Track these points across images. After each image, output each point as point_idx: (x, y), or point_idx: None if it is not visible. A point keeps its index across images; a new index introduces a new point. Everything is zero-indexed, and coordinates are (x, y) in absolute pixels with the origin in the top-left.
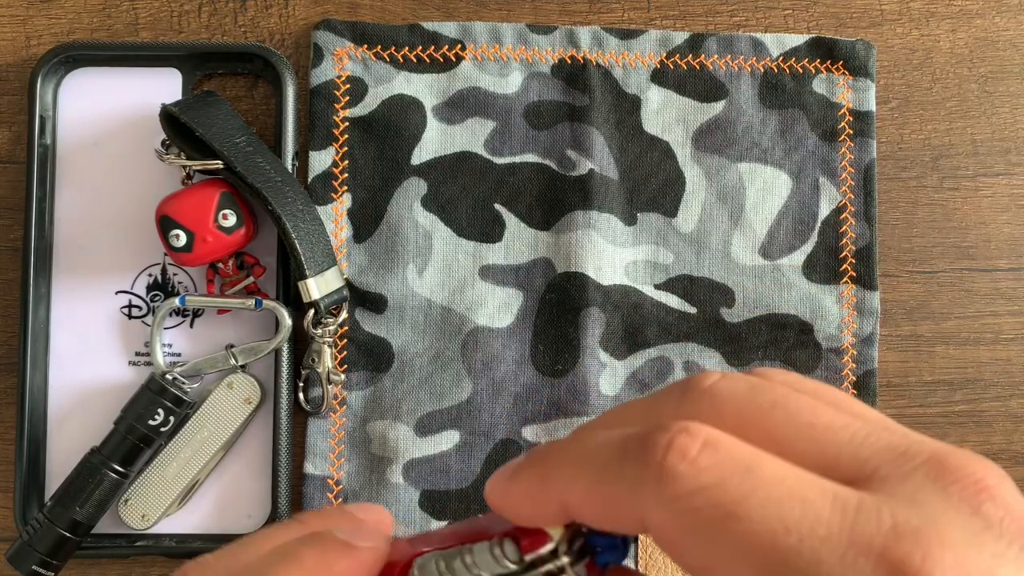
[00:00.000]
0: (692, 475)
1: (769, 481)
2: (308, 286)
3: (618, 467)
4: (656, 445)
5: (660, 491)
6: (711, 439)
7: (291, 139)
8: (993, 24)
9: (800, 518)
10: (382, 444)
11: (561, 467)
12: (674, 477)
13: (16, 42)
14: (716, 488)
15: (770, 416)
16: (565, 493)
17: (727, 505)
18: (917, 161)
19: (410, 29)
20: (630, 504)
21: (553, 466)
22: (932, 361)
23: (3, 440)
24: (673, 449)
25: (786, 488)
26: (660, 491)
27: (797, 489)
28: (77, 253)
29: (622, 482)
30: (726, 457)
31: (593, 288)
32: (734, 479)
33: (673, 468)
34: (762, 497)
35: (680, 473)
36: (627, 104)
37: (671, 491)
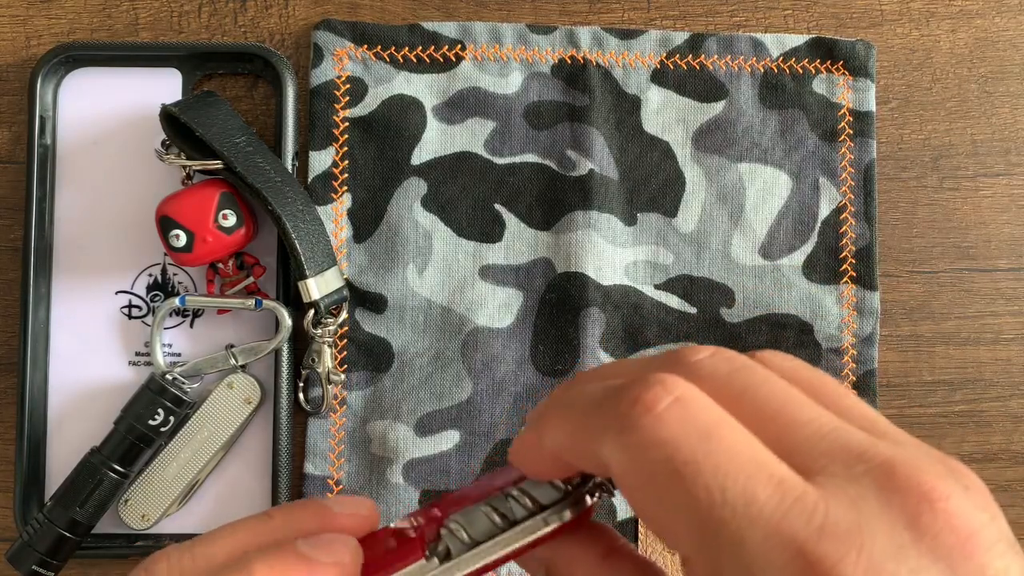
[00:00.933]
0: (652, 427)
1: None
2: (308, 286)
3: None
4: (628, 395)
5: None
6: (684, 395)
7: (291, 139)
8: (993, 24)
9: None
10: (382, 444)
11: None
12: (636, 426)
13: (16, 42)
14: (671, 445)
15: (740, 400)
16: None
17: (677, 463)
18: (917, 161)
19: (410, 29)
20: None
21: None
22: (932, 361)
23: (3, 440)
24: (641, 400)
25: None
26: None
27: (747, 465)
28: (77, 253)
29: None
30: (690, 416)
31: (593, 288)
32: (690, 440)
33: (636, 418)
34: (711, 464)
35: (642, 424)
36: (627, 104)
37: (630, 438)
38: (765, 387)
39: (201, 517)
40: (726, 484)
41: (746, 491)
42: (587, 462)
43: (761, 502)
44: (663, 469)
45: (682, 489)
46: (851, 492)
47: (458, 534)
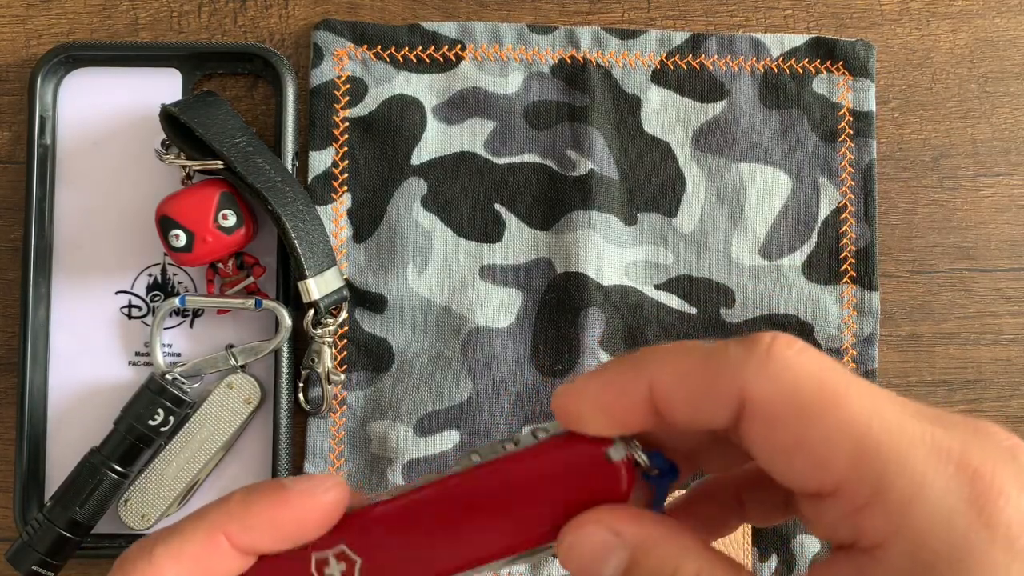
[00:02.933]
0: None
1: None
2: (308, 286)
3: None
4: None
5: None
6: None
7: (291, 139)
8: (993, 24)
9: (892, 417)
10: (382, 444)
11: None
12: (783, 358)
13: (16, 42)
14: (821, 373)
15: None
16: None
17: (830, 388)
18: (917, 161)
19: (410, 29)
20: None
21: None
22: (932, 361)
23: (3, 440)
24: (779, 340)
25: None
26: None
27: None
28: (77, 253)
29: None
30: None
31: (593, 288)
32: (836, 371)
33: (781, 351)
34: (860, 390)
35: (788, 356)
36: (627, 104)
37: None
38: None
39: None
40: (880, 407)
41: (896, 415)
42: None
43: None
44: (816, 394)
45: (838, 411)
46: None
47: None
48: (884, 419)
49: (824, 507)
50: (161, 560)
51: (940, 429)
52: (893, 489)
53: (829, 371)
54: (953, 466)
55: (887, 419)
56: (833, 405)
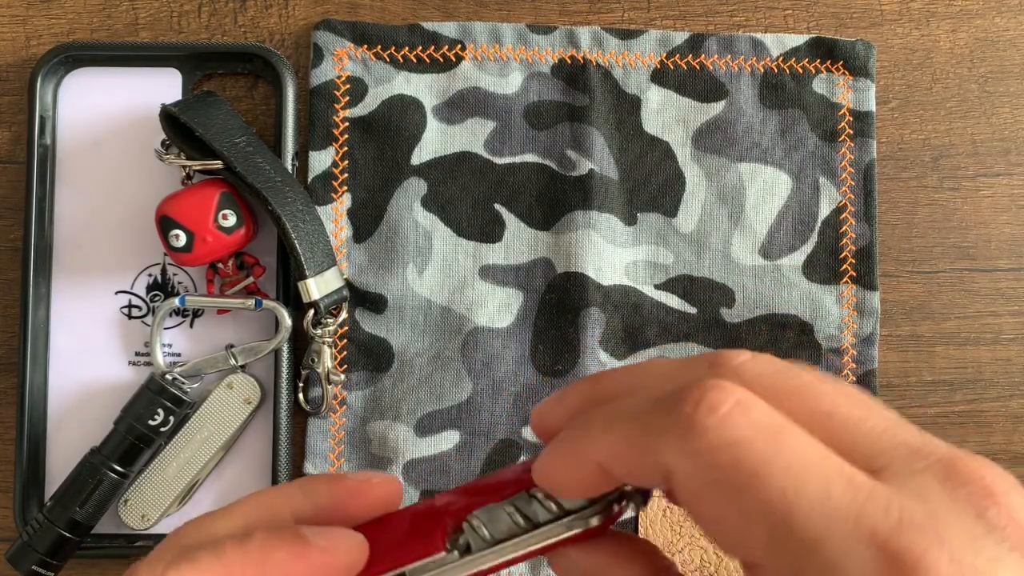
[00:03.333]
0: (719, 429)
1: (793, 450)
2: (308, 286)
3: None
4: (688, 397)
5: (686, 442)
6: (744, 399)
7: (291, 139)
8: (993, 24)
9: (816, 492)
10: (382, 444)
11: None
12: (702, 429)
13: (16, 42)
14: (741, 446)
15: (792, 399)
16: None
17: (749, 465)
18: (917, 161)
19: (410, 29)
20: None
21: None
22: (932, 361)
23: (3, 440)
24: (704, 403)
25: (807, 460)
26: (686, 442)
27: (817, 464)
28: (77, 253)
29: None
30: (756, 418)
31: (593, 288)
32: (759, 441)
33: (702, 421)
34: (784, 464)
35: (708, 426)
36: (627, 104)
37: (697, 443)
38: (813, 387)
39: None
40: (800, 484)
41: (821, 490)
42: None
43: (837, 499)
44: (733, 472)
45: (754, 491)
46: (916, 486)
47: (480, 531)
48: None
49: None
50: None
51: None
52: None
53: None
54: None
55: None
56: (751, 485)
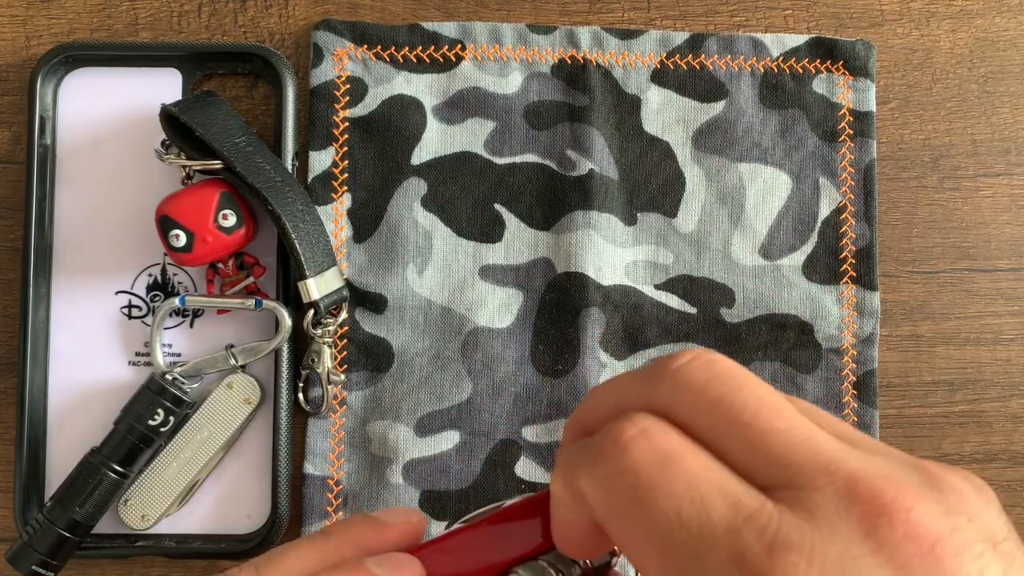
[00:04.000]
0: (617, 457)
1: (680, 473)
2: (308, 286)
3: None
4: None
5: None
6: (648, 427)
7: (291, 139)
8: (993, 24)
9: (694, 516)
10: (382, 444)
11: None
12: (604, 459)
13: (16, 42)
14: (632, 473)
15: (715, 410)
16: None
17: (638, 490)
18: (917, 161)
19: (410, 29)
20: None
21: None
22: (932, 361)
23: (3, 440)
24: (610, 435)
25: (693, 485)
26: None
27: (702, 488)
28: (77, 253)
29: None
30: (652, 445)
31: (593, 288)
32: (649, 468)
33: (605, 450)
34: (668, 490)
35: (608, 454)
36: (627, 104)
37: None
38: (741, 393)
39: (201, 517)
40: (681, 507)
41: (700, 512)
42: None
43: (715, 522)
44: (627, 496)
45: (644, 514)
46: (810, 505)
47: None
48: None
49: None
50: None
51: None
52: None
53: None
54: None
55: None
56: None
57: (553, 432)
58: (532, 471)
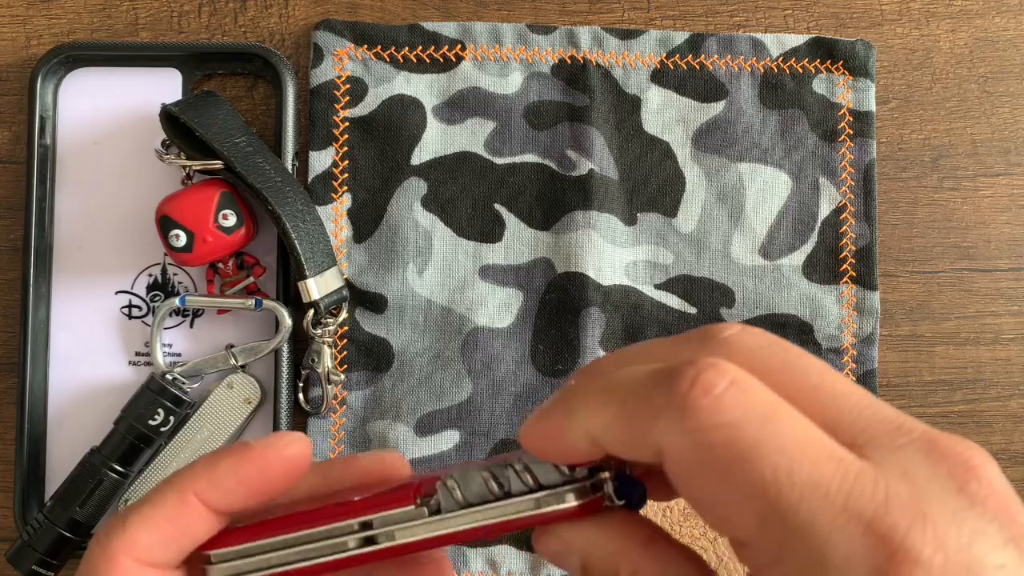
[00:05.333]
0: (713, 410)
1: (785, 432)
2: (308, 286)
3: (644, 395)
4: (684, 376)
5: (680, 421)
6: (739, 379)
7: (291, 139)
8: (993, 24)
9: (806, 476)
10: (382, 444)
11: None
12: (696, 409)
13: (16, 42)
14: (734, 428)
15: (781, 371)
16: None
17: (741, 447)
18: (917, 161)
19: (410, 29)
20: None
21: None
22: (932, 361)
23: (3, 440)
24: (699, 382)
25: (799, 443)
26: (680, 421)
27: (808, 446)
28: (77, 253)
29: (646, 410)
30: (750, 400)
31: (593, 288)
32: (753, 424)
33: (696, 400)
34: (775, 447)
35: (702, 406)
36: (627, 104)
37: (691, 422)
38: (801, 361)
39: None
40: (792, 466)
41: (811, 472)
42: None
43: (826, 482)
44: (726, 452)
45: (746, 472)
46: (899, 462)
47: (453, 492)
48: (795, 480)
49: (738, 551)
50: (135, 527)
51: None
52: (795, 556)
53: (746, 422)
54: (861, 530)
55: (799, 480)
56: (742, 466)
57: None
58: None
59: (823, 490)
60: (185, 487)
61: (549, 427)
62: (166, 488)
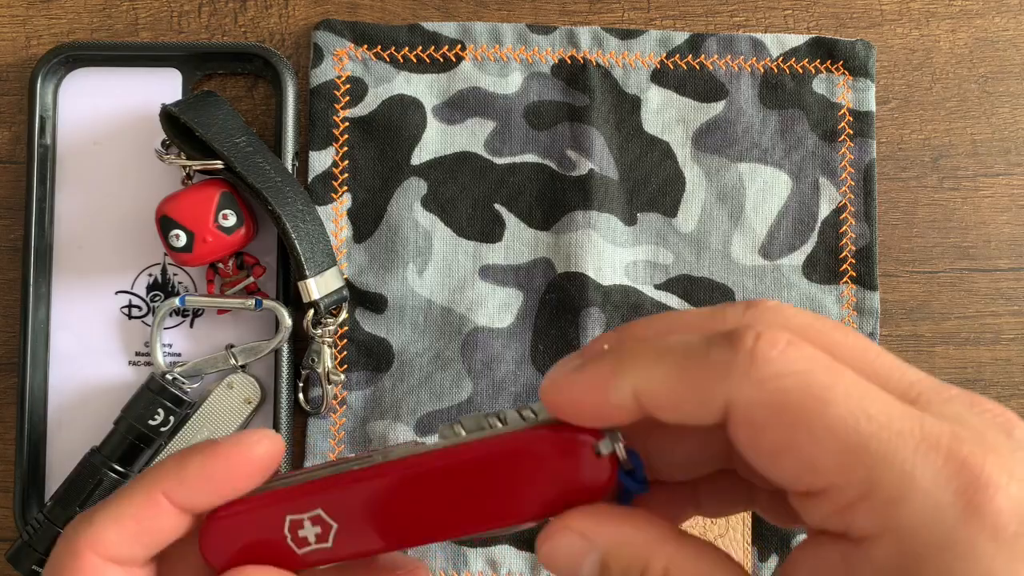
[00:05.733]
0: (784, 360)
1: (852, 377)
2: (308, 286)
3: (705, 353)
4: (746, 335)
5: (752, 371)
6: (795, 339)
7: (291, 139)
8: (993, 24)
9: (879, 411)
10: (382, 444)
11: (638, 357)
12: (767, 360)
13: (16, 42)
14: (806, 374)
15: (830, 335)
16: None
17: (816, 389)
18: (917, 161)
19: (410, 29)
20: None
21: (628, 357)
22: (932, 361)
23: (3, 440)
24: (763, 339)
25: (864, 387)
26: (752, 371)
27: (872, 390)
28: (77, 253)
29: (709, 366)
30: (812, 352)
31: (593, 288)
32: (821, 369)
33: (765, 353)
34: (847, 387)
35: (772, 357)
36: (627, 104)
37: (764, 371)
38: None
39: None
40: (865, 405)
41: (884, 410)
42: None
43: (899, 419)
44: (802, 396)
45: (823, 413)
46: (951, 412)
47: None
48: (871, 416)
49: (814, 504)
50: (102, 524)
51: (930, 417)
52: (882, 487)
53: (814, 370)
54: (942, 458)
55: (874, 415)
56: (819, 407)
57: None
58: None
59: (898, 424)
60: (153, 485)
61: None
62: (135, 486)
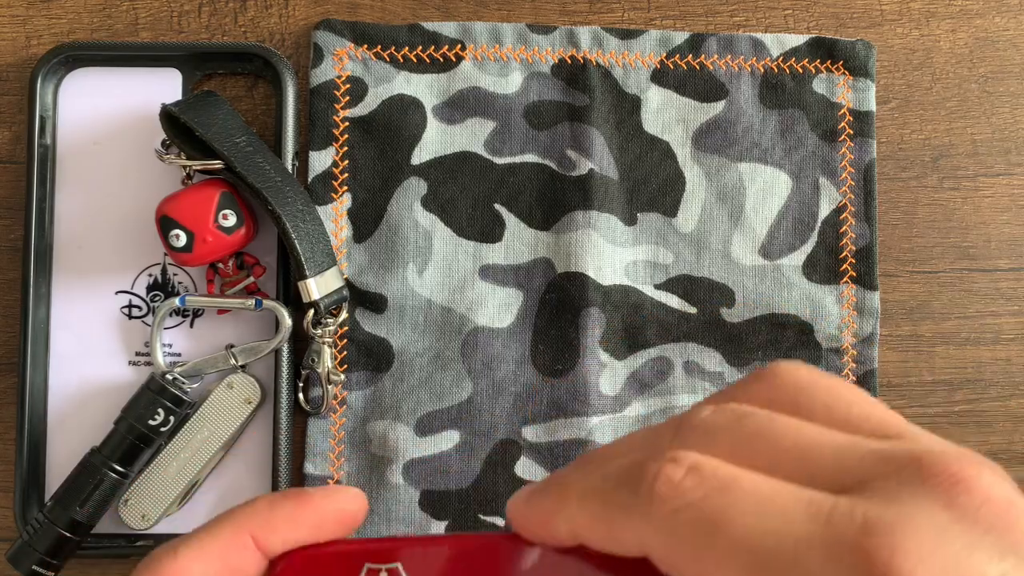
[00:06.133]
0: (678, 494)
1: (747, 493)
2: (308, 286)
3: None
4: (647, 473)
5: (651, 513)
6: (694, 464)
7: (291, 139)
8: (993, 24)
9: (777, 523)
10: (382, 444)
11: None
12: (663, 498)
13: (16, 42)
14: (699, 503)
15: (755, 443)
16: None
17: (710, 516)
18: (917, 161)
19: (410, 29)
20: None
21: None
22: (932, 361)
23: (3, 440)
24: (660, 476)
25: (763, 498)
26: (651, 513)
27: (774, 499)
28: (77, 253)
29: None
30: (708, 477)
31: (593, 288)
32: (714, 494)
33: (660, 492)
34: (741, 507)
35: (666, 495)
36: (627, 104)
37: (659, 512)
38: (774, 424)
39: (201, 517)
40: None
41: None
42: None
43: (801, 522)
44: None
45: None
46: (886, 490)
47: None
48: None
49: None
50: (187, 557)
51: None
52: None
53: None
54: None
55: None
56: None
57: (553, 432)
58: (532, 471)
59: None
60: (242, 525)
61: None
62: (222, 523)
